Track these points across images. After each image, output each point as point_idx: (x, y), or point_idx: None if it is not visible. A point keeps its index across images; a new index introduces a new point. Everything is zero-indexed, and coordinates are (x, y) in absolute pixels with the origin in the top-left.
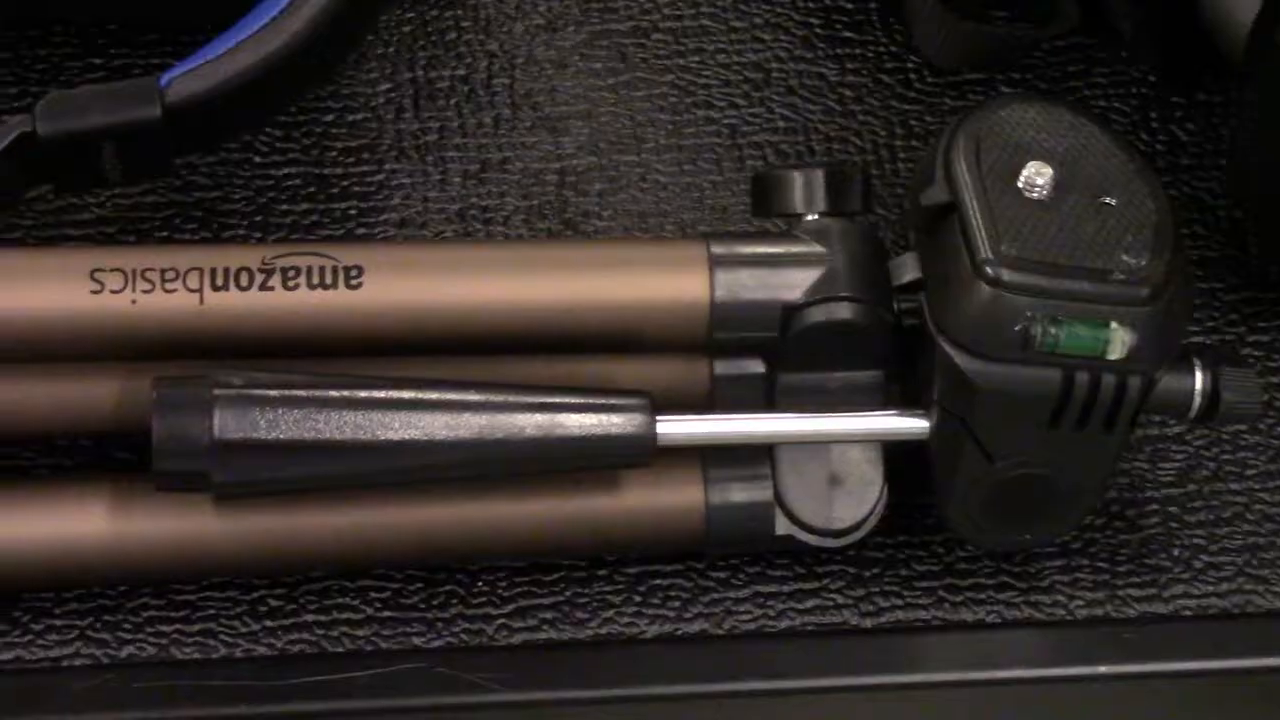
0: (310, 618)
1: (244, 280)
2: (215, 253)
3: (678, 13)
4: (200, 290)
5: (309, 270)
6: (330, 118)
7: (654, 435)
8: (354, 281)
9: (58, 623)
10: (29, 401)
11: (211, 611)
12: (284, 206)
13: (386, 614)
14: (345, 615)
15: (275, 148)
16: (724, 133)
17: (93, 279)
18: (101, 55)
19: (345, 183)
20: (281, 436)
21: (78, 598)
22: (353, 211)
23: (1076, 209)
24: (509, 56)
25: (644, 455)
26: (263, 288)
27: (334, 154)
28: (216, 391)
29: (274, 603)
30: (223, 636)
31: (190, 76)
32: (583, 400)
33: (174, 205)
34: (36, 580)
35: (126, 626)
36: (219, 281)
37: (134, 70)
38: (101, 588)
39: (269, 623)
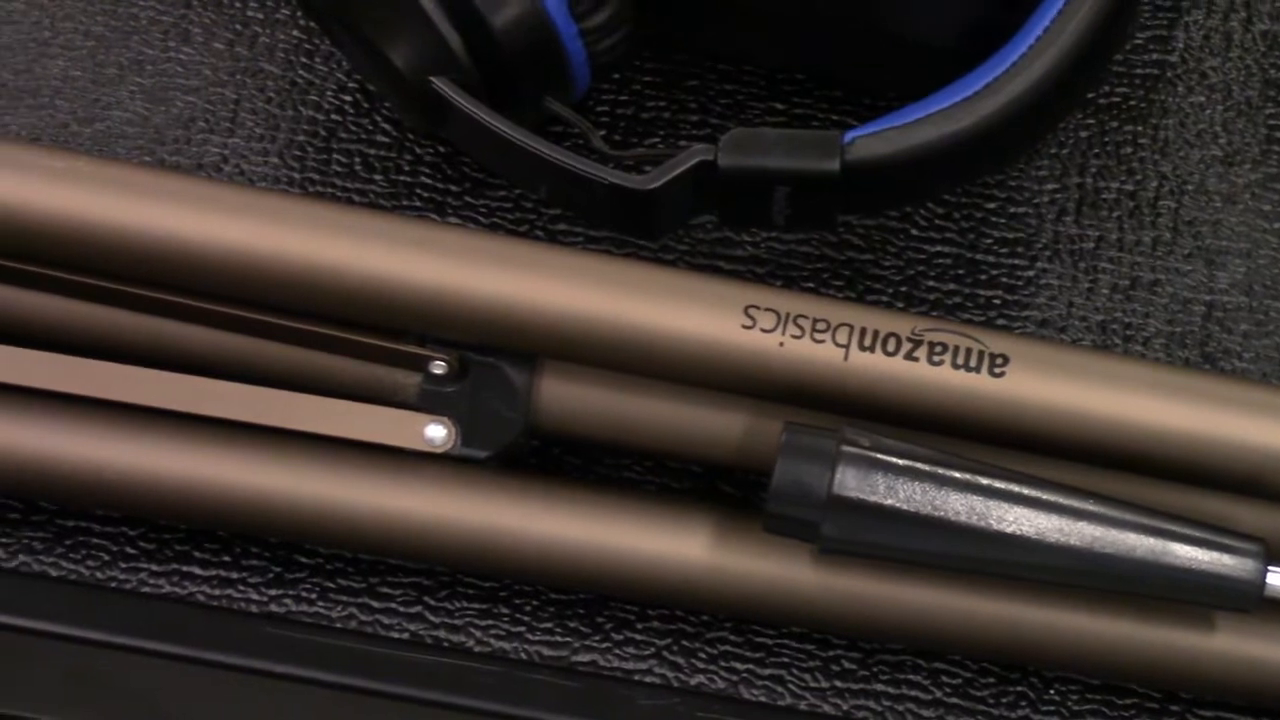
0: (880, 687)
1: (891, 346)
2: (868, 313)
3: None
4: (847, 346)
5: (955, 349)
6: (993, 205)
7: (1263, 584)
8: (998, 370)
9: (637, 637)
10: (652, 418)
11: (785, 659)
12: (930, 283)
13: (954, 700)
14: (913, 693)
15: (934, 224)
16: None
17: (746, 314)
18: (784, 101)
19: (995, 272)
20: (896, 505)
21: (660, 617)
22: (997, 301)
23: None
24: (1180, 181)
25: (1248, 602)
26: (908, 357)
27: (989, 242)
28: (843, 448)
29: (848, 664)
30: (791, 685)
31: (874, 139)
32: (1197, 533)
33: (826, 260)
34: (624, 592)
35: (702, 656)
36: (867, 342)
37: (812, 122)
38: (686, 613)
39: (839, 683)
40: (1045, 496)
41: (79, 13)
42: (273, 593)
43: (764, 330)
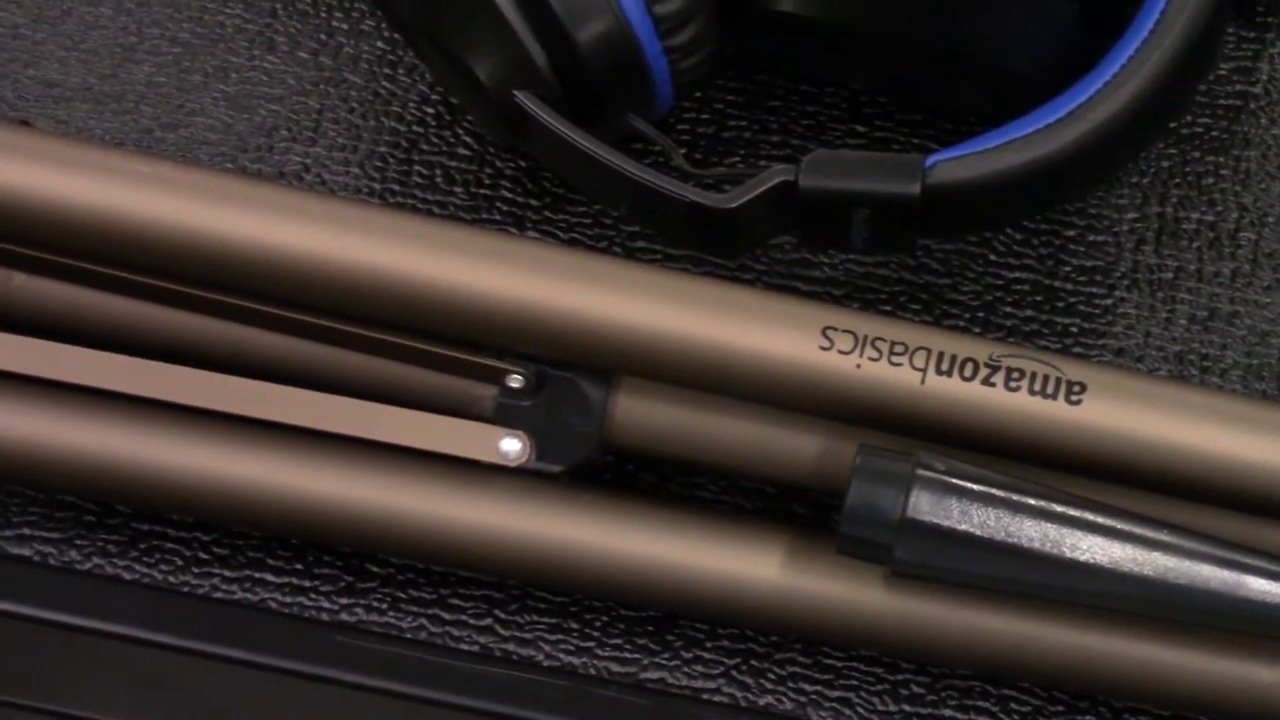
0: (949, 713)
1: (968, 371)
2: (946, 337)
3: None
4: (924, 370)
5: (1033, 376)
6: (1071, 233)
7: None
8: (1075, 398)
9: (706, 655)
10: (727, 436)
11: (854, 682)
12: (1007, 309)
13: None
14: (981, 719)
15: (1012, 250)
16: None
17: (824, 335)
18: (865, 124)
19: (1072, 300)
20: (970, 530)
21: (730, 636)
22: (1073, 329)
23: None
24: (1260, 213)
25: None
26: (985, 382)
27: (1067, 269)
28: (918, 471)
29: (916, 689)
30: (859, 708)
31: (955, 163)
32: (1271, 566)
33: (903, 283)
34: (694, 610)
35: (771, 676)
36: (944, 366)
37: (893, 145)
38: (755, 633)
39: (907, 707)
40: (1119, 525)
41: (166, 19)
42: (344, 601)
43: (841, 352)
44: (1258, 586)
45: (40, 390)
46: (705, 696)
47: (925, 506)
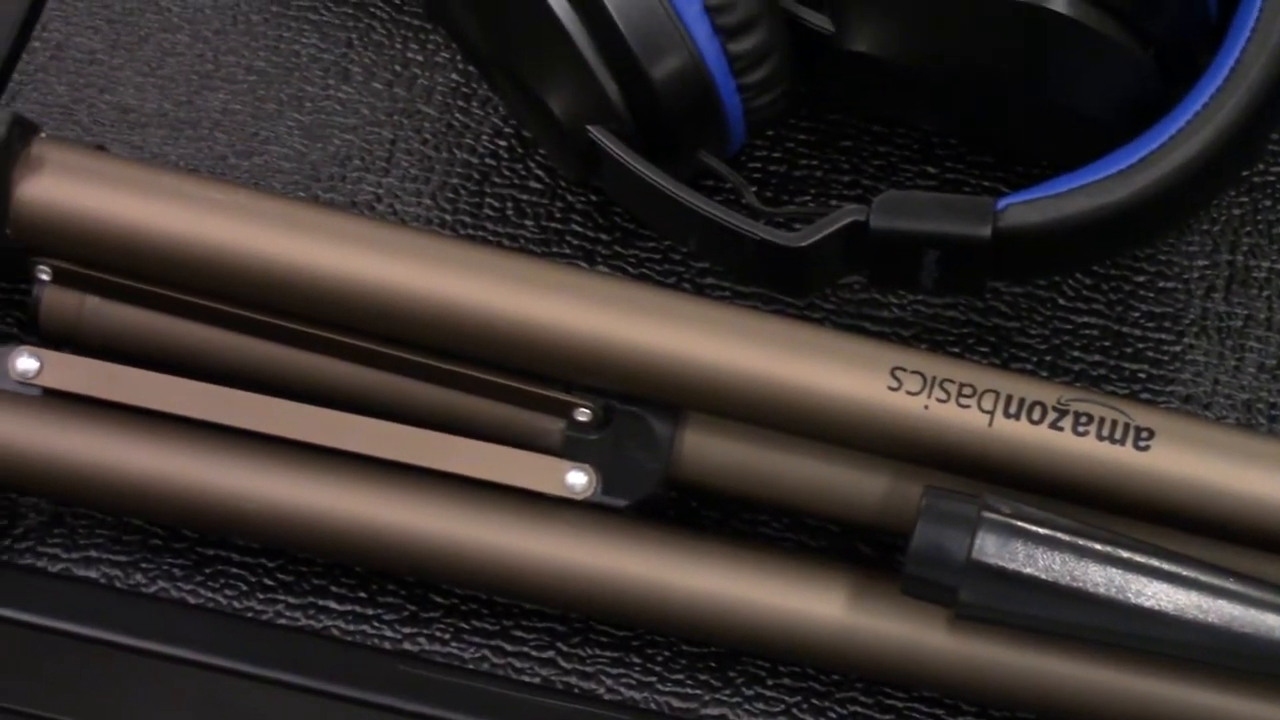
0: None
1: (1036, 414)
2: (1014, 380)
3: None
4: (992, 413)
5: (1101, 421)
6: (1141, 279)
7: None
8: (1143, 443)
9: (768, 693)
10: (792, 474)
11: None
12: (1075, 353)
13: None
14: None
15: (1081, 294)
16: None
17: (893, 375)
18: (936, 165)
19: (1141, 345)
20: (1035, 573)
21: (791, 674)
22: (1141, 375)
23: None
24: None
25: None
26: (1053, 426)
27: (1136, 315)
28: (984, 514)
29: None
30: None
31: (1027, 206)
32: None
33: (971, 325)
34: (756, 647)
35: (832, 715)
36: (1012, 409)
37: (964, 187)
38: (817, 671)
39: None
40: (1185, 572)
41: (242, 47)
42: (407, 630)
43: (910, 393)
44: None
45: (110, 413)
46: None
47: (991, 549)
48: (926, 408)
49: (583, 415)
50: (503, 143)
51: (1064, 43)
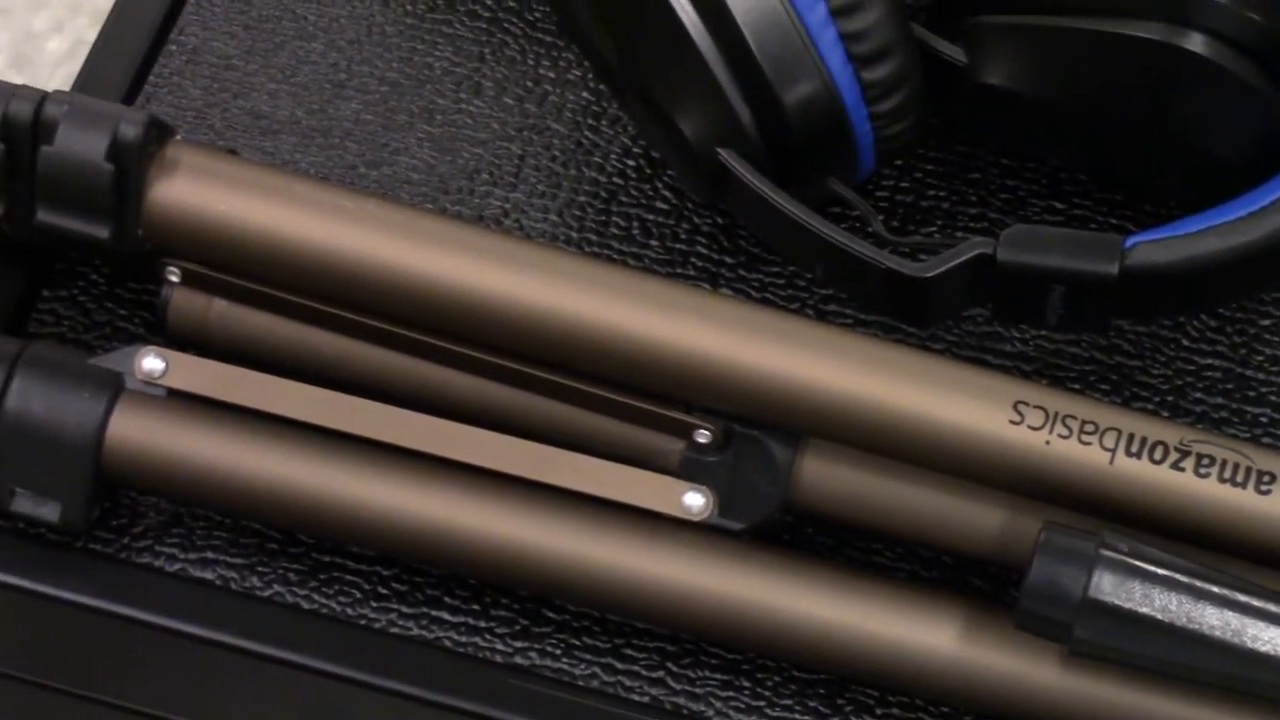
0: None
1: (1158, 454)
2: (1137, 420)
3: None
4: (1114, 451)
5: (1223, 464)
6: (1266, 323)
7: None
8: (1264, 488)
9: None
10: (909, 505)
11: None
12: (1198, 394)
13: None
14: None
15: (1205, 336)
16: None
17: (1015, 410)
18: (1064, 201)
19: (1264, 389)
20: (1151, 613)
21: (900, 704)
22: (1263, 419)
23: None
24: None
25: None
26: (1174, 467)
27: (1260, 359)
28: (1102, 551)
29: None
30: None
31: (1155, 245)
32: None
33: (1094, 362)
34: (866, 675)
35: None
36: (1134, 448)
37: (1091, 224)
38: (926, 703)
39: None
40: None
41: (375, 58)
42: (519, 645)
43: (1031, 427)
44: None
45: (232, 416)
46: None
47: (1108, 587)
48: (1048, 443)
49: (702, 437)
50: (631, 162)
51: (1199, 83)
